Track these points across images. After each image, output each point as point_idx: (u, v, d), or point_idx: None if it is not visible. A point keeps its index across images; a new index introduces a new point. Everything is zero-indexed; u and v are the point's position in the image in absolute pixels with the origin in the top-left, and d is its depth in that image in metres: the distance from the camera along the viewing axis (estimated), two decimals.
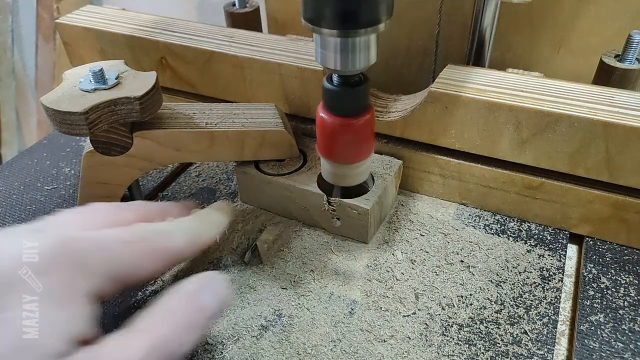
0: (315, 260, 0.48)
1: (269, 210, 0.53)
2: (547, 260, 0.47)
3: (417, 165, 0.53)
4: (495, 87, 0.47)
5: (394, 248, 0.48)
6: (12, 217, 0.55)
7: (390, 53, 0.66)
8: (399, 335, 0.41)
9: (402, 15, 0.63)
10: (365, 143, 0.42)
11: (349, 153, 0.43)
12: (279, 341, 0.41)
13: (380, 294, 0.44)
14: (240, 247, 0.49)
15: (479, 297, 0.44)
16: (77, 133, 0.44)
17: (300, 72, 0.53)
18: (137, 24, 0.62)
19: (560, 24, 0.58)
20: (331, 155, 0.43)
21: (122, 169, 0.49)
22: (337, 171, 0.44)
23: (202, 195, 0.56)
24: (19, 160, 0.63)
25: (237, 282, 0.46)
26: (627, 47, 0.49)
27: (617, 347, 0.40)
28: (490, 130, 0.47)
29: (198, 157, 0.50)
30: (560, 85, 0.47)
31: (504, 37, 0.60)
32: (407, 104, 0.52)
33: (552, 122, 0.44)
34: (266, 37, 0.58)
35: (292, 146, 0.51)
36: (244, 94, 0.58)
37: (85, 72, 0.46)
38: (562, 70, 0.61)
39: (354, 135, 0.41)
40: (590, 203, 0.47)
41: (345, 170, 0.44)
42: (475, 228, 0.50)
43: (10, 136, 1.64)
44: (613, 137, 0.43)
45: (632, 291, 0.44)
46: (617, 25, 0.55)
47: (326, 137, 0.42)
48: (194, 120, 0.50)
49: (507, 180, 0.49)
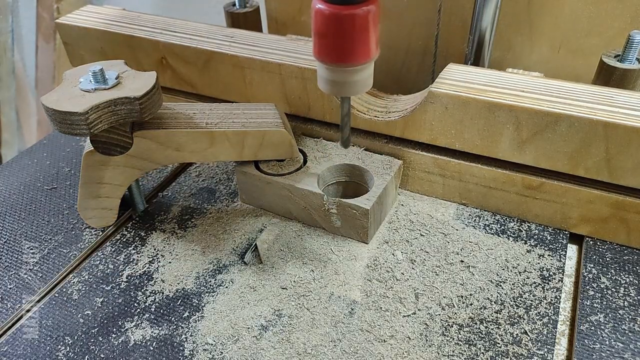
0: (315, 260, 0.48)
1: (269, 210, 0.53)
2: (547, 260, 0.47)
3: (417, 165, 0.53)
4: (495, 87, 0.47)
5: (394, 248, 0.48)
6: (12, 217, 0.55)
7: (390, 53, 0.66)
8: (399, 335, 0.41)
9: (402, 15, 0.63)
10: (368, 37, 0.37)
11: (350, 50, 0.37)
12: (279, 341, 0.41)
13: (380, 294, 0.44)
14: (240, 247, 0.49)
15: (479, 297, 0.44)
16: (77, 133, 0.44)
17: (300, 72, 0.53)
18: (137, 24, 0.62)
19: (560, 24, 0.58)
20: (330, 55, 0.38)
21: (122, 168, 0.49)
22: (337, 77, 0.39)
23: (202, 195, 0.56)
24: (19, 160, 0.63)
25: (237, 282, 0.46)
26: (628, 47, 0.49)
27: (617, 347, 0.40)
28: (490, 130, 0.47)
29: (198, 157, 0.50)
30: (560, 85, 0.47)
31: (504, 37, 0.60)
32: (407, 104, 0.52)
33: (552, 122, 0.44)
34: (266, 37, 0.59)
35: (292, 146, 0.51)
36: (244, 93, 0.58)
37: (86, 72, 0.46)
38: (562, 70, 0.61)
39: (355, 25, 0.36)
40: (590, 203, 0.47)
41: (345, 76, 0.39)
42: (475, 228, 0.50)
43: (10, 136, 1.64)
44: (613, 137, 0.43)
45: (632, 291, 0.44)
46: (617, 25, 0.55)
47: (323, 32, 0.37)
48: (194, 120, 0.50)
49: (507, 180, 0.49)
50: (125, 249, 0.50)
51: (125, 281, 0.47)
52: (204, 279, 0.47)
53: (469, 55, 0.56)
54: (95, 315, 0.44)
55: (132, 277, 0.47)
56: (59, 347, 0.42)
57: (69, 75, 0.47)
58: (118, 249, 0.50)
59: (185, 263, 0.48)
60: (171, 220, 0.53)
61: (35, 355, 0.41)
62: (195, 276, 0.47)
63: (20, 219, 0.54)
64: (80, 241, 0.51)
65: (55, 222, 0.54)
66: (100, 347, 0.41)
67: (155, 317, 0.44)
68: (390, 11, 0.63)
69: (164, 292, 0.46)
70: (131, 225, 0.53)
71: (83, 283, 0.47)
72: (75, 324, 0.43)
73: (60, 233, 0.52)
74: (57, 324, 0.44)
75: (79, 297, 0.46)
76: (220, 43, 0.57)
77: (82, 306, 0.45)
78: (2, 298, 0.46)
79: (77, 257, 0.50)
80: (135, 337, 0.42)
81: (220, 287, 0.46)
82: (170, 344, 0.41)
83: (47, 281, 0.47)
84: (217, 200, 0.55)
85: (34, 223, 0.54)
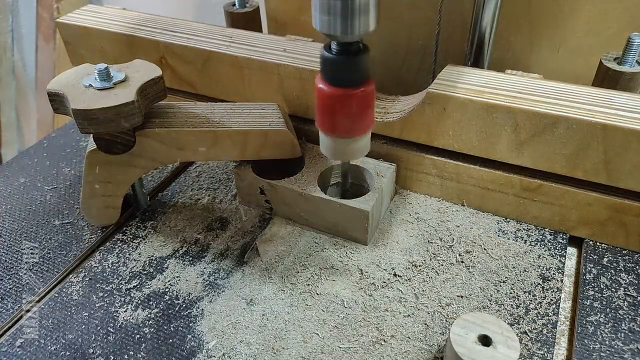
0: (314, 260, 0.48)
1: (268, 210, 0.53)
2: (547, 260, 0.47)
3: (415, 166, 0.53)
4: (494, 88, 0.47)
5: (394, 248, 0.48)
6: (12, 217, 0.55)
7: (390, 53, 0.66)
8: (399, 335, 0.41)
9: (402, 15, 0.63)
10: (366, 115, 0.40)
11: (349, 126, 0.40)
12: (278, 341, 0.41)
13: (380, 294, 0.44)
14: (240, 247, 0.50)
15: (479, 297, 0.44)
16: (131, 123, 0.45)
17: (299, 72, 0.53)
18: (137, 24, 0.62)
19: (559, 24, 0.58)
20: (330, 129, 0.41)
21: (124, 167, 0.49)
22: (337, 146, 0.42)
23: (202, 195, 0.56)
24: (19, 160, 0.63)
25: (237, 282, 0.46)
26: (627, 49, 0.49)
27: (617, 347, 0.40)
28: (488, 132, 0.47)
29: (200, 157, 0.50)
30: (559, 87, 0.47)
31: (503, 37, 0.60)
32: (406, 104, 0.52)
33: (550, 124, 0.44)
34: (265, 38, 0.59)
35: (294, 146, 0.51)
36: (242, 93, 0.58)
37: (84, 76, 0.47)
38: (562, 71, 0.61)
39: (354, 106, 0.39)
40: (589, 206, 0.47)
41: (345, 145, 0.42)
42: (476, 228, 0.50)
43: (10, 136, 1.64)
44: (611, 139, 0.43)
45: (632, 291, 0.44)
46: (617, 26, 0.56)
47: (325, 110, 0.40)
48: (197, 119, 0.50)
49: (505, 182, 0.49)
50: (126, 249, 0.50)
51: (126, 281, 0.47)
52: (204, 278, 0.47)
53: (469, 55, 0.56)
54: (96, 315, 0.44)
55: (133, 276, 0.47)
56: (59, 347, 0.42)
57: (62, 87, 0.47)
58: (118, 248, 0.50)
59: (186, 262, 0.48)
60: (171, 220, 0.53)
61: (35, 355, 0.41)
62: (196, 275, 0.47)
63: (20, 219, 0.54)
64: (80, 241, 0.51)
65: (55, 222, 0.54)
66: (100, 347, 0.42)
67: (155, 317, 0.44)
68: (390, 11, 0.63)
69: (165, 291, 0.46)
70: (131, 225, 0.53)
71: (83, 283, 0.47)
72: (75, 324, 0.44)
73: (60, 233, 0.52)
74: (57, 324, 0.44)
75: (79, 297, 0.46)
76: (220, 43, 0.57)
77: (82, 306, 0.45)
78: (2, 298, 0.46)
79: (77, 257, 0.50)
80: (136, 337, 0.42)
81: (220, 286, 0.46)
82: (171, 343, 0.41)
83: (47, 281, 0.48)
84: (217, 200, 0.55)
85: (34, 223, 0.54)
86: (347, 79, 0.38)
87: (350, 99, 0.39)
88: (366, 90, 0.39)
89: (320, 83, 0.39)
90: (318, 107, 0.41)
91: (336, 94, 0.39)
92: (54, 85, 0.47)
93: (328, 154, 0.44)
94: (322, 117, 0.41)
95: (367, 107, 0.40)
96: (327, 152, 0.43)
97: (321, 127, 0.42)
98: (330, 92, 0.39)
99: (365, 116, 0.40)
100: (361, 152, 0.43)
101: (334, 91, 0.39)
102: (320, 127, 0.42)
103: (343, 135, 0.41)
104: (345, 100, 0.39)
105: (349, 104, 0.39)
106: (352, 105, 0.39)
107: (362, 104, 0.39)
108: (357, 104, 0.39)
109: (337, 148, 0.42)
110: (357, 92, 0.38)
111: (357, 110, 0.39)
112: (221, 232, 0.51)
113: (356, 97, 0.39)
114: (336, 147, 0.42)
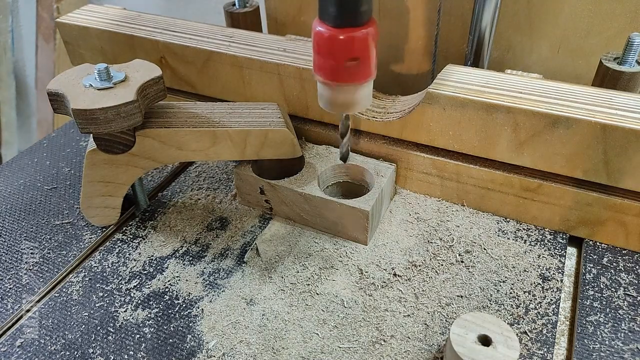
0: (314, 260, 0.48)
1: (268, 210, 0.53)
2: (547, 260, 0.47)
3: (415, 166, 0.53)
4: (494, 88, 0.47)
5: (393, 248, 0.48)
6: (12, 217, 0.55)
7: (390, 53, 0.66)
8: (398, 335, 0.41)
9: (402, 15, 0.63)
10: (369, 58, 0.38)
11: (350, 71, 0.38)
12: (277, 341, 0.41)
13: (380, 294, 0.44)
14: (240, 247, 0.50)
15: (478, 297, 0.44)
16: (131, 123, 0.45)
17: (299, 72, 0.53)
18: (137, 24, 0.62)
19: (559, 24, 0.58)
20: (330, 75, 0.39)
21: (124, 167, 0.49)
22: (337, 96, 0.40)
23: (202, 195, 0.56)
24: (19, 160, 0.63)
25: (237, 282, 0.46)
26: (627, 49, 0.49)
27: (617, 347, 0.40)
28: (488, 132, 0.47)
29: (200, 156, 0.50)
30: (559, 87, 0.47)
31: (503, 37, 0.60)
32: (406, 104, 0.52)
33: (550, 123, 0.44)
34: (265, 37, 0.59)
35: (294, 145, 0.51)
36: (242, 93, 0.58)
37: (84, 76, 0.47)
38: (562, 70, 0.61)
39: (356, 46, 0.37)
40: (589, 206, 0.47)
41: (346, 95, 0.40)
42: (475, 228, 0.50)
43: (10, 136, 1.64)
44: (611, 139, 0.43)
45: (632, 291, 0.44)
46: (617, 26, 0.56)
47: (324, 53, 0.38)
48: (197, 119, 0.50)
49: (504, 182, 0.49)
50: (125, 249, 0.50)
51: (126, 281, 0.47)
52: (204, 278, 0.47)
53: (469, 55, 0.56)
54: (95, 315, 0.44)
55: (133, 276, 0.47)
56: (58, 347, 0.42)
57: (63, 87, 0.47)
58: (118, 248, 0.50)
59: (186, 262, 0.48)
60: (171, 220, 0.53)
61: (35, 355, 0.41)
62: (196, 275, 0.47)
63: (20, 219, 0.54)
64: (80, 241, 0.51)
65: (55, 222, 0.54)
66: (100, 347, 0.42)
67: (155, 316, 0.44)
68: (390, 11, 0.63)
69: (164, 291, 0.46)
70: (131, 225, 0.53)
71: (83, 283, 0.47)
72: (75, 323, 0.44)
73: (60, 233, 0.52)
74: (57, 324, 0.44)
75: (79, 297, 0.46)
76: (220, 43, 0.57)
77: (82, 306, 0.45)
78: (2, 298, 0.46)
79: (77, 257, 0.50)
80: (136, 337, 0.42)
81: (220, 286, 0.46)
82: (171, 343, 0.42)
83: (47, 281, 0.48)
84: (216, 200, 0.55)
85: (34, 223, 0.54)
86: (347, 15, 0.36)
87: (352, 38, 0.36)
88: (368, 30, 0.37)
89: (318, 25, 0.37)
90: (316, 52, 0.39)
91: (335, 33, 0.36)
92: (53, 85, 0.47)
93: (326, 105, 0.41)
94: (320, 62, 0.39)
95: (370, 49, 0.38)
96: (325, 103, 0.41)
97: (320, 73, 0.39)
98: (330, 33, 0.36)
99: (368, 59, 0.38)
100: (363, 103, 0.41)
101: (333, 31, 0.36)
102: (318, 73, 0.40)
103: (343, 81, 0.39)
104: (347, 40, 0.36)
105: (350, 44, 0.36)
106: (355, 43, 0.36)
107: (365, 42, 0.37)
108: (359, 43, 0.37)
109: (336, 98, 0.40)
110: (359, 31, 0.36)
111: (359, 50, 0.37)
112: (221, 232, 0.51)
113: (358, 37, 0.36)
114: (336, 98, 0.40)
